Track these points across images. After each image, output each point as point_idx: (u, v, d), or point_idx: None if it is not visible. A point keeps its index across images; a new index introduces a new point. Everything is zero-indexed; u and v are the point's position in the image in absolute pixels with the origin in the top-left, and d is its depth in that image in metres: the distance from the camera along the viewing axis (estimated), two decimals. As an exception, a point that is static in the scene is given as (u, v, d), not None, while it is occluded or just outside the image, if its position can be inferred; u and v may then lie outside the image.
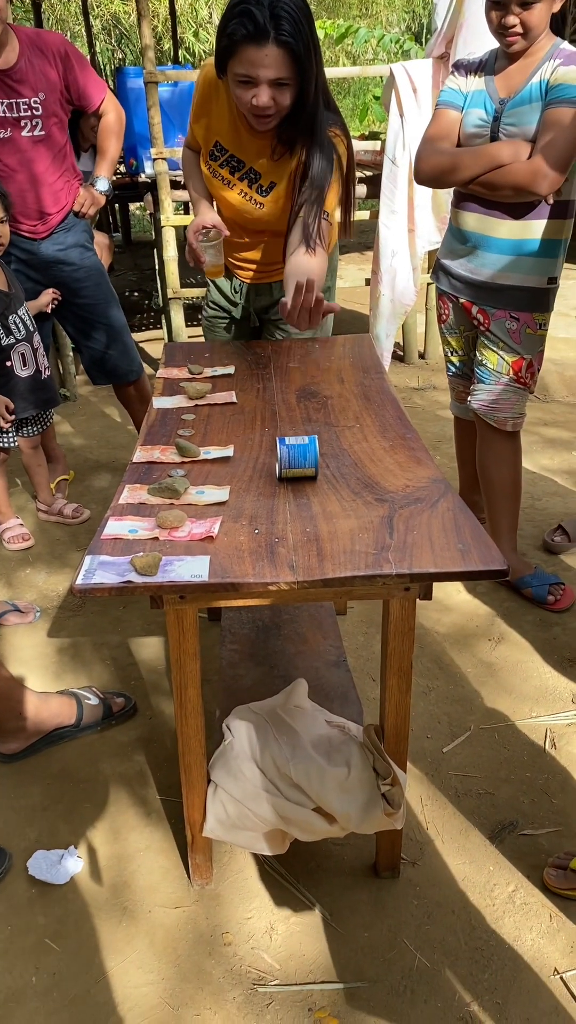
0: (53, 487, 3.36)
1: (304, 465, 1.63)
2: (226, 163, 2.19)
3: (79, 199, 3.05)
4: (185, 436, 1.87)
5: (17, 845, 1.86)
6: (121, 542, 1.46)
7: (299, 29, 1.84)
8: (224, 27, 1.87)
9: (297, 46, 1.85)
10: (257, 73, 1.87)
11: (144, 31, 4.05)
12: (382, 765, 1.59)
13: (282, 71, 1.88)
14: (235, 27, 1.84)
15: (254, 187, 2.19)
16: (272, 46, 1.84)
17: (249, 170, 2.17)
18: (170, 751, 2.10)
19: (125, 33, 13.94)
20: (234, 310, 2.48)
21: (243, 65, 1.88)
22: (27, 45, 2.78)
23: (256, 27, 1.82)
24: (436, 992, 1.54)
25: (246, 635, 2.14)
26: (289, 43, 1.84)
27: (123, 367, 3.25)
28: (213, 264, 2.25)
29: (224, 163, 2.19)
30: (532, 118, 2.21)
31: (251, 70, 1.87)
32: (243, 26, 1.83)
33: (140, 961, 1.61)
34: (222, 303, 2.49)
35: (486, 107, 2.30)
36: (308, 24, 1.88)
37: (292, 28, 1.83)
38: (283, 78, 1.89)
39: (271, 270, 2.38)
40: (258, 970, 1.59)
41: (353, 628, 2.56)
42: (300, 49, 1.86)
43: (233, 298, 2.46)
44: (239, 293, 2.44)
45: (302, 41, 1.85)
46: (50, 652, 2.52)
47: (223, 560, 1.38)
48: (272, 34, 1.82)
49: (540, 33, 2.20)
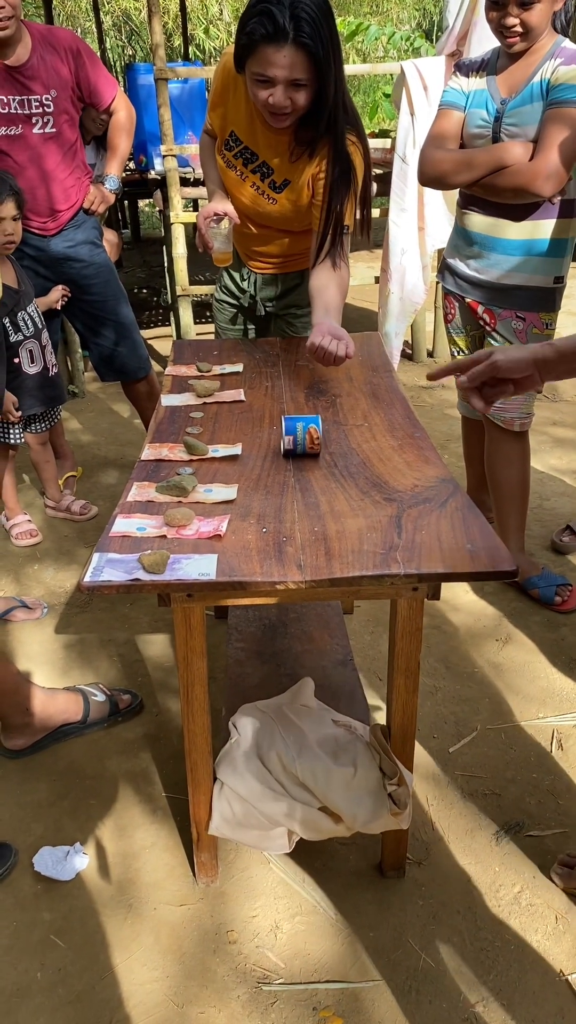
0: (61, 483, 3.36)
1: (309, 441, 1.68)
2: (240, 154, 2.19)
3: (89, 197, 3.05)
4: (193, 434, 1.87)
5: (23, 841, 1.86)
6: (129, 540, 1.46)
7: (318, 31, 1.83)
8: (244, 25, 1.87)
9: (316, 48, 1.84)
10: (274, 73, 1.87)
11: (155, 28, 4.04)
12: (388, 765, 1.59)
13: (299, 72, 1.87)
14: (254, 26, 1.83)
15: (267, 181, 2.18)
16: (290, 47, 1.83)
17: (262, 164, 2.17)
18: (176, 748, 2.10)
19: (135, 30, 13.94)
20: (242, 298, 2.49)
21: (261, 64, 1.87)
22: (39, 42, 2.78)
23: (275, 27, 1.81)
24: (441, 993, 1.54)
25: (253, 633, 2.14)
26: (308, 45, 1.83)
27: (132, 364, 3.25)
28: (221, 251, 2.26)
29: (238, 154, 2.19)
30: (533, 118, 2.20)
31: (268, 70, 1.87)
32: (262, 25, 1.82)
33: (145, 958, 1.62)
34: (232, 290, 2.51)
35: (487, 107, 2.29)
36: (328, 26, 1.86)
37: (312, 30, 1.82)
38: (300, 79, 1.88)
39: (279, 263, 2.38)
40: (263, 968, 1.59)
41: (360, 627, 2.56)
42: (319, 51, 1.85)
43: (241, 285, 2.47)
44: (247, 281, 2.45)
45: (321, 43, 1.84)
46: (57, 648, 2.52)
47: (231, 559, 1.38)
48: (291, 35, 1.81)
49: (541, 33, 2.19)
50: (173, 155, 4.23)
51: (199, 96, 6.30)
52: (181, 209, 4.37)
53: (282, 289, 2.43)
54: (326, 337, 1.95)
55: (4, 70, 2.73)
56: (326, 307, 2.09)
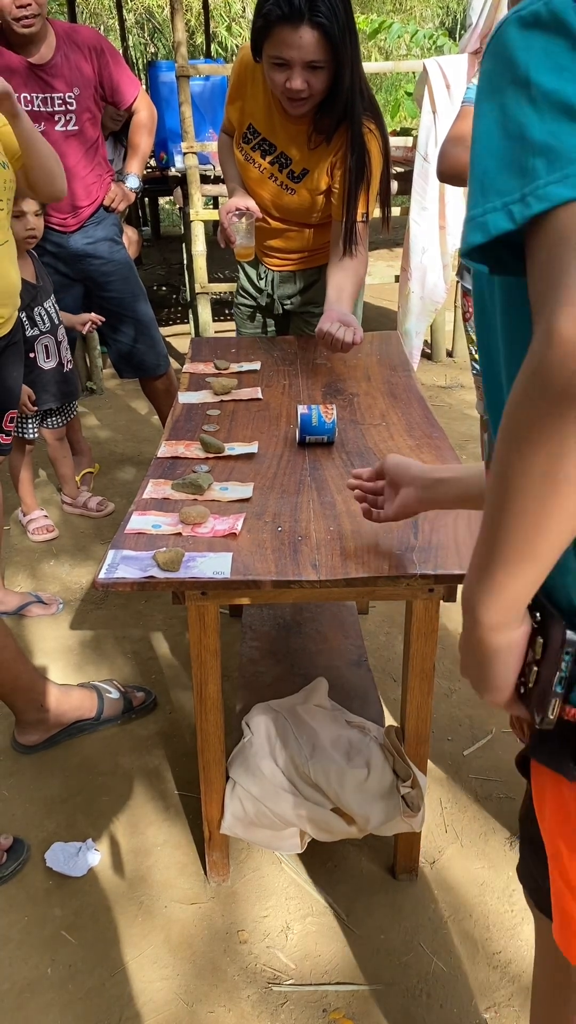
0: (78, 480, 3.37)
1: (322, 431, 1.72)
2: (258, 146, 2.19)
3: (110, 194, 3.06)
4: (210, 431, 1.86)
5: (35, 836, 1.87)
6: (144, 537, 1.46)
7: (335, 12, 1.85)
8: (260, 8, 1.89)
9: (332, 28, 1.85)
10: (291, 55, 1.88)
11: (177, 25, 4.04)
12: (402, 767, 1.57)
13: (316, 53, 1.88)
14: (271, 8, 1.85)
15: (285, 172, 2.19)
16: (307, 28, 1.84)
17: (280, 154, 2.17)
18: (189, 746, 2.10)
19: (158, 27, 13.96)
20: (259, 297, 2.48)
21: (277, 47, 1.89)
22: (63, 40, 2.79)
23: (291, 8, 1.82)
24: (452, 997, 1.53)
25: (267, 632, 2.13)
26: (324, 24, 1.84)
27: (150, 361, 3.25)
28: (244, 246, 2.26)
29: (256, 146, 2.20)
30: None
31: (285, 52, 1.88)
32: (278, 7, 1.83)
33: (155, 956, 1.61)
34: (249, 290, 2.51)
35: None
36: (345, 7, 1.87)
37: (327, 10, 1.83)
38: (317, 61, 1.89)
39: (296, 259, 2.38)
40: (273, 969, 1.59)
41: (375, 628, 2.54)
42: (335, 32, 1.86)
43: (258, 284, 2.46)
44: (264, 280, 2.44)
45: (337, 23, 1.86)
46: (72, 644, 2.52)
47: (246, 557, 1.37)
48: (307, 15, 1.83)
49: None
50: (194, 152, 4.23)
51: (221, 94, 6.29)
52: (201, 207, 4.37)
53: (300, 287, 2.42)
54: (335, 323, 1.98)
55: (28, 68, 2.73)
56: (339, 294, 2.12)
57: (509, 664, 0.74)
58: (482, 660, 0.75)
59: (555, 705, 0.72)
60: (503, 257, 0.65)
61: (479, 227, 0.63)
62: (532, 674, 0.74)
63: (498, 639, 0.72)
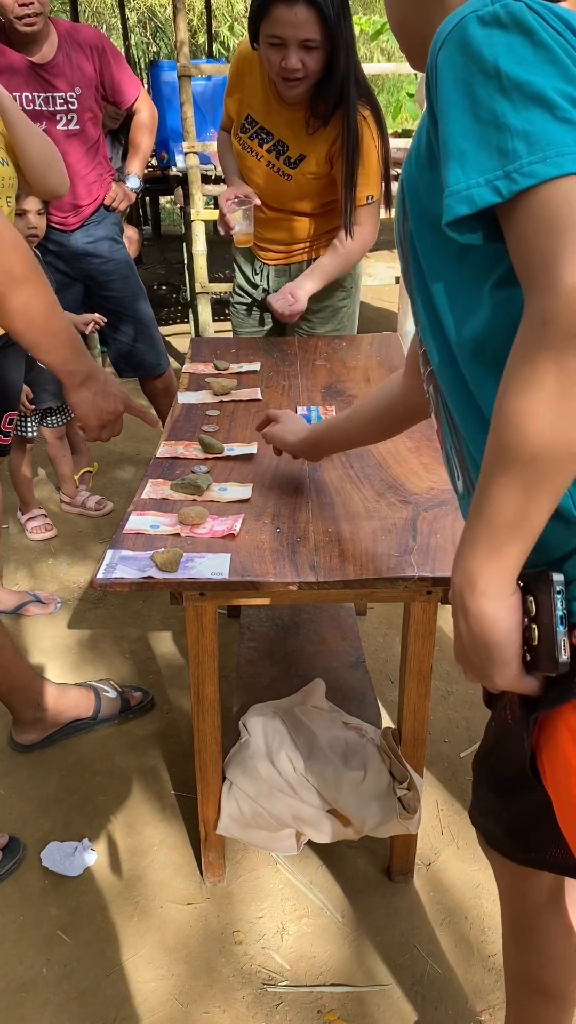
0: (77, 479, 3.37)
1: None
2: (255, 135, 2.24)
3: (111, 194, 3.06)
4: (209, 432, 1.86)
5: (31, 835, 1.87)
6: (143, 537, 1.46)
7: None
8: None
9: (326, 7, 1.91)
10: (287, 33, 1.93)
11: (179, 25, 4.04)
12: (399, 769, 1.57)
13: (310, 32, 1.93)
14: None
15: (282, 159, 2.22)
16: (302, 6, 1.90)
17: (278, 142, 2.21)
18: (186, 747, 2.10)
19: (160, 26, 13.95)
20: (255, 292, 2.50)
21: (273, 25, 1.94)
22: (65, 39, 2.79)
23: None
24: (447, 999, 1.53)
25: (265, 633, 2.13)
26: (318, 3, 1.90)
27: (150, 360, 3.25)
28: (243, 232, 2.30)
29: (253, 135, 2.24)
30: None
31: (281, 30, 1.93)
32: None
33: (151, 956, 1.61)
34: (245, 287, 2.53)
35: None
36: None
37: None
38: (312, 40, 1.94)
39: (293, 251, 2.41)
40: (268, 970, 1.59)
41: (373, 629, 2.55)
42: (329, 11, 1.91)
43: (254, 280, 2.48)
44: (260, 275, 2.45)
45: (332, 3, 1.91)
46: (70, 643, 2.52)
47: (244, 558, 1.37)
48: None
49: None
50: (195, 152, 4.23)
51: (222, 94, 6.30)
52: (202, 206, 4.36)
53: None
54: (282, 295, 2.23)
55: (29, 67, 2.73)
56: (311, 269, 2.28)
57: (512, 631, 0.77)
58: (486, 634, 0.77)
59: (565, 645, 0.75)
60: (473, 226, 0.74)
61: (464, 200, 0.71)
62: (533, 632, 0.76)
63: (498, 607, 0.76)
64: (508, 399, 0.69)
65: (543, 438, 0.67)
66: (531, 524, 0.71)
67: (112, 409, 1.52)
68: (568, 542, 0.79)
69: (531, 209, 0.68)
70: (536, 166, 0.67)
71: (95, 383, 1.49)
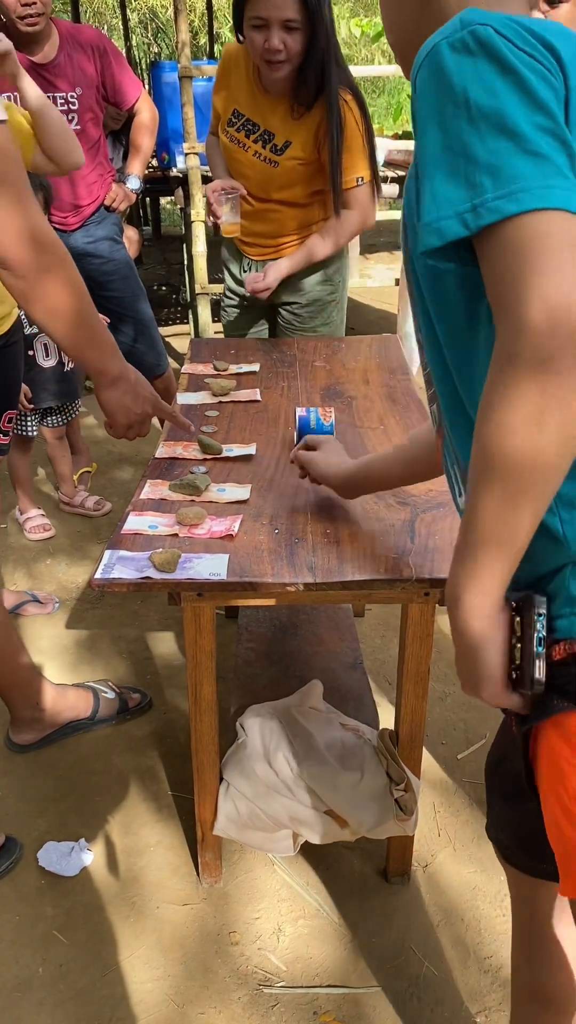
0: (76, 479, 3.37)
1: (321, 434, 1.72)
2: (242, 127, 2.30)
3: (111, 194, 3.06)
4: (208, 432, 1.86)
5: (28, 835, 1.87)
6: (141, 537, 1.46)
7: None
8: None
9: None
10: (269, 13, 2.01)
11: (180, 26, 4.04)
12: (396, 770, 1.58)
13: (292, 12, 2.01)
14: None
15: (268, 147, 2.28)
16: None
17: (264, 132, 2.27)
18: (183, 747, 2.10)
19: (161, 27, 13.96)
20: (241, 289, 2.52)
21: (256, 7, 2.02)
22: (67, 39, 2.79)
23: None
24: (443, 1001, 1.53)
25: (263, 634, 2.14)
26: None
27: (150, 361, 3.26)
28: (229, 222, 2.35)
29: (240, 127, 2.30)
30: None
31: (263, 10, 2.02)
32: None
33: (147, 957, 1.61)
34: (233, 287, 2.56)
35: None
36: None
37: None
38: (293, 20, 2.03)
39: (279, 246, 2.44)
40: (264, 971, 1.59)
41: (370, 631, 2.55)
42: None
43: (241, 278, 2.51)
44: (248, 273, 2.48)
45: None
46: (68, 643, 2.52)
47: (242, 559, 1.38)
48: None
49: None
50: (196, 153, 4.22)
51: (222, 95, 6.29)
52: (202, 207, 4.36)
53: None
54: (256, 274, 2.35)
55: (31, 67, 2.73)
56: (293, 250, 2.37)
57: (494, 648, 0.79)
58: (469, 650, 0.80)
59: (540, 667, 0.78)
60: (448, 255, 0.76)
61: (435, 232, 0.73)
62: (517, 652, 0.79)
63: (480, 624, 0.78)
64: (483, 425, 0.71)
65: (518, 454, 0.69)
66: (512, 542, 0.73)
67: (140, 411, 1.53)
68: (555, 558, 0.81)
69: (497, 243, 0.69)
70: (500, 202, 0.68)
71: (125, 383, 1.49)
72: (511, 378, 0.68)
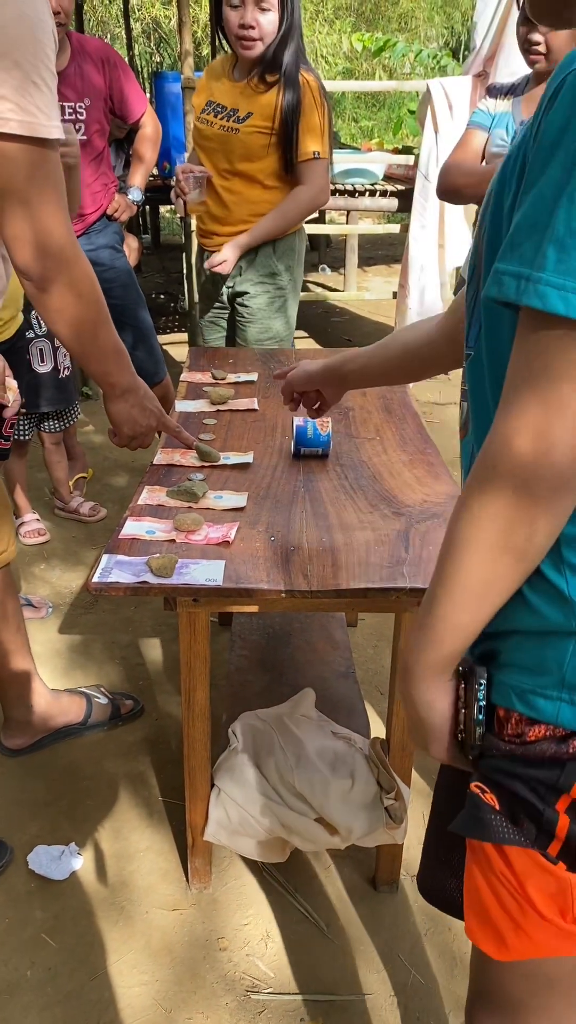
0: (71, 484, 3.38)
1: (317, 443, 1.78)
2: (213, 111, 2.51)
3: (113, 204, 3.08)
4: (206, 440, 1.88)
5: (19, 839, 1.87)
6: (138, 542, 1.47)
7: None
8: None
9: None
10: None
11: (184, 37, 4.09)
12: (386, 779, 1.59)
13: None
14: None
15: (231, 119, 2.47)
16: None
17: (231, 111, 2.47)
18: (175, 753, 2.11)
19: (164, 37, 14.04)
20: (220, 288, 2.71)
21: None
22: (77, 50, 2.82)
23: None
24: (429, 1010, 1.54)
25: (256, 642, 2.15)
26: None
27: (148, 368, 3.27)
28: (195, 200, 2.53)
29: (211, 111, 2.51)
30: None
31: None
32: None
33: (135, 961, 1.62)
34: (213, 292, 2.74)
35: (508, 128, 2.35)
36: None
37: None
38: (266, 0, 2.29)
39: (236, 232, 2.57)
40: (252, 977, 1.59)
41: (363, 640, 2.56)
42: None
43: (215, 278, 2.68)
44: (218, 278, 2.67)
45: None
46: (61, 648, 2.53)
47: (238, 566, 1.39)
48: None
49: (561, 56, 2.21)
50: (197, 163, 4.26)
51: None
52: (202, 217, 4.39)
53: (239, 265, 2.63)
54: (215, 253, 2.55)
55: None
56: (256, 222, 2.54)
57: (443, 711, 0.83)
58: (420, 709, 0.84)
59: (478, 733, 0.82)
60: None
61: (495, 283, 0.66)
62: (462, 717, 0.83)
63: (425, 691, 0.82)
64: (453, 517, 0.75)
65: (474, 562, 0.73)
66: (465, 627, 0.77)
67: (146, 424, 1.59)
68: (505, 622, 0.81)
69: (528, 329, 0.65)
70: (551, 290, 0.61)
71: (133, 396, 1.55)
72: (489, 486, 0.70)
